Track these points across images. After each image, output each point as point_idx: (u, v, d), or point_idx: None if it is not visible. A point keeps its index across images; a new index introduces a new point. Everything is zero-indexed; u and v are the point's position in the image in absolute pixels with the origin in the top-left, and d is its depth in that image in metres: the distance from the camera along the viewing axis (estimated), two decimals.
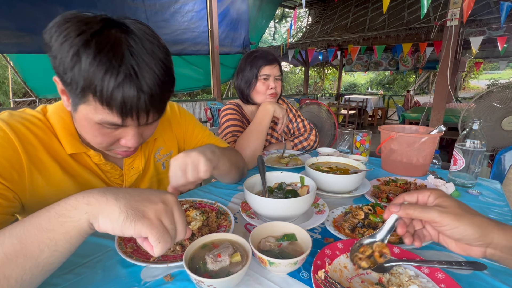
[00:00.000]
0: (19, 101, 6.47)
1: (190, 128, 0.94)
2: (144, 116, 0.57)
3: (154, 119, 0.61)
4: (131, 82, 0.51)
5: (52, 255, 0.38)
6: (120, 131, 0.60)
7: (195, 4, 4.37)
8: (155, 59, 0.54)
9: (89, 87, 0.50)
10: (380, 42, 5.52)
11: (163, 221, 0.41)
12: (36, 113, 0.65)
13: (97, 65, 0.48)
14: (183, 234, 0.44)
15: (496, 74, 18.32)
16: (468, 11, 2.80)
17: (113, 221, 0.38)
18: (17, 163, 0.58)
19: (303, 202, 0.65)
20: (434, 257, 0.58)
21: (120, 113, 0.53)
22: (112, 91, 0.50)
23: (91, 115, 0.54)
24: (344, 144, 1.32)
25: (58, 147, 0.65)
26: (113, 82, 0.49)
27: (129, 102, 0.52)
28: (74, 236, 0.39)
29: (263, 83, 1.30)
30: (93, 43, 0.48)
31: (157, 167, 0.85)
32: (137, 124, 0.58)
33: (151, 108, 0.56)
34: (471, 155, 0.94)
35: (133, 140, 0.61)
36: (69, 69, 0.49)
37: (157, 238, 0.39)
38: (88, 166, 0.70)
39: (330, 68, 13.66)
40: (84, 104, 0.54)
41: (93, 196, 0.40)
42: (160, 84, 0.55)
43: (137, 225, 0.38)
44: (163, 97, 0.58)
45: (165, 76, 0.56)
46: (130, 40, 0.52)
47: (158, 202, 0.42)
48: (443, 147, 4.85)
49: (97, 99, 0.51)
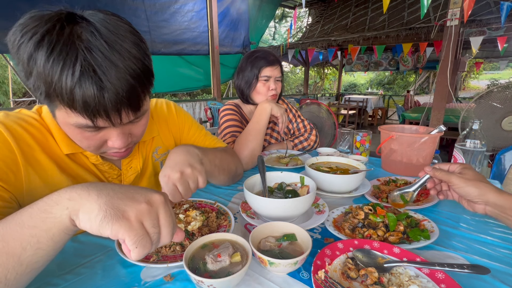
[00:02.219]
0: (19, 101, 6.48)
1: (186, 127, 0.93)
2: (116, 115, 0.51)
3: (132, 118, 0.56)
4: (90, 79, 0.46)
5: (35, 253, 0.37)
6: (103, 133, 0.56)
7: (195, 4, 4.37)
8: (120, 52, 0.48)
9: (50, 91, 0.47)
10: (380, 42, 5.52)
11: (144, 223, 0.38)
12: (32, 113, 0.65)
13: (51, 65, 0.44)
14: (168, 239, 0.41)
15: (496, 74, 18.32)
16: (468, 11, 2.80)
17: (91, 219, 0.36)
18: (13, 163, 0.57)
19: (303, 202, 0.65)
20: (434, 257, 0.58)
21: (86, 114, 0.49)
22: (71, 92, 0.46)
23: (67, 119, 0.51)
24: (344, 144, 1.32)
25: (54, 147, 0.64)
26: (70, 81, 0.45)
27: (91, 102, 0.47)
28: (57, 233, 0.37)
29: (264, 84, 1.29)
30: (45, 42, 0.44)
31: (155, 166, 0.85)
32: (112, 124, 0.53)
33: (120, 107, 0.51)
34: (471, 155, 0.94)
35: (119, 141, 0.57)
36: (29, 75, 0.47)
37: (134, 242, 0.36)
38: (85, 166, 0.70)
39: (330, 68, 13.66)
40: (57, 110, 0.51)
41: (76, 191, 0.37)
42: (127, 79, 0.49)
43: (114, 226, 0.36)
44: (134, 93, 0.52)
45: (134, 69, 0.50)
46: (87, 34, 0.46)
47: (142, 201, 0.39)
48: (443, 147, 4.85)
49: (63, 103, 0.48)
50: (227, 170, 0.90)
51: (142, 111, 0.58)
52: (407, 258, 0.53)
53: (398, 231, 0.63)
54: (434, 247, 0.61)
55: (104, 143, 0.59)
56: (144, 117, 0.62)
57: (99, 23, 0.48)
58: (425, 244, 0.59)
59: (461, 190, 0.62)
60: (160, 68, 4.61)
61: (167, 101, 0.92)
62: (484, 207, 0.61)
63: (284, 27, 13.13)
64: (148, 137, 0.80)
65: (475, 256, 0.58)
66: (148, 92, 0.57)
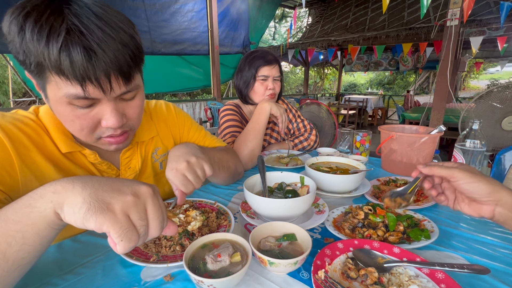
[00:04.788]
0: (19, 101, 6.47)
1: (186, 127, 0.93)
2: (106, 81, 0.50)
3: (124, 90, 0.55)
4: (75, 40, 0.46)
5: (21, 249, 0.36)
6: (96, 110, 0.55)
7: (195, 4, 4.37)
8: (106, 20, 0.49)
9: (39, 58, 0.47)
10: (380, 42, 5.52)
11: (130, 216, 0.37)
12: (28, 113, 0.64)
13: (38, 31, 0.45)
14: (157, 232, 0.40)
15: (496, 74, 18.32)
16: (468, 11, 2.80)
17: (75, 212, 0.35)
18: (8, 164, 0.56)
19: (303, 202, 0.65)
20: (434, 257, 0.58)
21: (75, 79, 0.48)
22: (58, 54, 0.46)
23: (57, 94, 0.51)
24: (344, 144, 1.32)
25: (51, 147, 0.64)
26: (55, 44, 0.45)
27: (78, 63, 0.47)
28: (42, 228, 0.36)
29: (261, 83, 1.29)
30: (34, 13, 0.46)
31: (154, 167, 0.85)
32: (102, 92, 0.52)
33: (110, 71, 0.50)
34: (471, 155, 0.94)
35: (113, 118, 0.55)
36: (19, 47, 0.47)
37: (119, 235, 0.35)
38: (83, 165, 0.69)
39: (330, 68, 13.66)
40: (48, 85, 0.51)
41: (60, 184, 0.37)
42: (115, 44, 0.49)
43: (98, 218, 0.35)
44: (124, 59, 0.51)
45: (123, 39, 0.50)
46: (74, 5, 0.48)
47: (128, 193, 0.38)
48: (443, 147, 4.85)
49: (51, 70, 0.48)
50: (227, 168, 0.90)
51: (133, 85, 0.57)
52: (407, 258, 0.53)
53: (398, 231, 0.63)
54: (434, 247, 0.61)
55: (97, 125, 0.57)
56: (138, 98, 0.61)
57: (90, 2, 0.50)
58: (425, 244, 0.59)
59: (468, 186, 0.51)
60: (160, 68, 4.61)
61: (166, 102, 0.93)
62: (494, 208, 0.50)
63: (284, 27, 13.13)
64: (147, 137, 0.81)
65: (475, 256, 0.58)
66: (139, 66, 0.57)
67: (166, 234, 0.43)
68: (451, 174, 0.53)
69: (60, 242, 0.63)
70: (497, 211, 0.50)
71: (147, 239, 0.40)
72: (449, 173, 0.53)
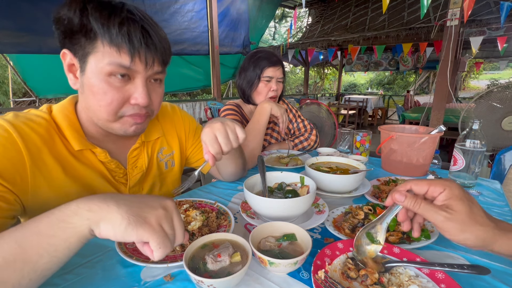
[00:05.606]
0: (19, 101, 6.47)
1: (192, 129, 0.95)
2: (151, 58, 0.60)
3: (159, 70, 0.64)
4: (134, 20, 0.57)
5: (50, 261, 0.38)
6: (130, 86, 0.61)
7: (195, 4, 4.37)
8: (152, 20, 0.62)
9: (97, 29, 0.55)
10: (380, 42, 5.52)
11: (163, 226, 0.42)
12: (41, 112, 0.65)
13: (101, 10, 0.55)
14: (182, 239, 0.45)
15: (496, 74, 18.32)
16: (468, 11, 2.80)
17: (115, 227, 0.39)
18: (20, 165, 0.57)
19: (303, 202, 0.65)
20: (434, 257, 0.58)
21: (128, 50, 0.56)
22: (118, 28, 0.55)
23: (100, 64, 0.57)
24: (344, 144, 1.32)
25: (61, 147, 0.65)
26: (118, 19, 0.55)
27: (134, 38, 0.56)
28: (74, 242, 0.39)
29: (265, 84, 1.30)
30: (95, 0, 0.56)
31: (160, 166, 0.86)
32: (145, 66, 0.60)
33: (156, 51, 0.60)
34: (471, 155, 0.94)
35: (143, 94, 0.62)
36: (77, 21, 0.55)
37: (158, 243, 0.40)
38: (93, 165, 0.70)
39: (330, 68, 13.66)
40: (92, 55, 0.57)
41: (94, 202, 0.40)
42: (161, 34, 0.62)
43: (139, 231, 0.39)
44: (165, 48, 0.63)
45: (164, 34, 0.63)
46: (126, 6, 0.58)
47: (158, 208, 0.43)
48: (443, 147, 4.85)
49: (106, 40, 0.55)
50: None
51: (164, 72, 0.67)
52: (407, 258, 0.53)
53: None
54: (434, 247, 0.61)
55: (126, 101, 0.62)
56: (161, 85, 0.70)
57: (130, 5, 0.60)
58: (425, 244, 0.59)
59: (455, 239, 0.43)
60: None
61: (171, 104, 0.96)
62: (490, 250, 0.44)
63: (284, 27, 13.13)
64: (153, 137, 0.82)
65: (475, 256, 0.58)
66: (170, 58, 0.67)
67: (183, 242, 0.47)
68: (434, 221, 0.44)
69: None
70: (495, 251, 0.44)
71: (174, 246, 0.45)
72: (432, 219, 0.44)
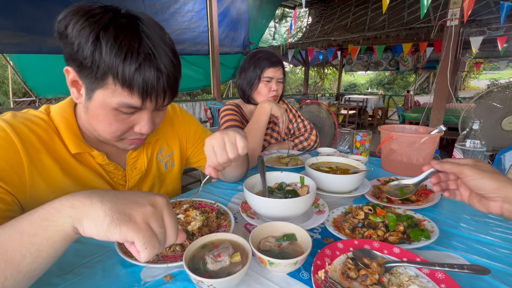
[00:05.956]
0: (19, 101, 6.47)
1: (192, 129, 0.94)
2: (162, 97, 0.59)
3: (168, 102, 0.63)
4: (151, 63, 0.54)
5: (34, 261, 0.36)
6: (135, 116, 0.61)
7: (195, 4, 4.36)
8: (165, 43, 0.57)
9: (110, 70, 0.52)
10: (380, 42, 5.52)
11: (151, 224, 0.39)
12: (40, 113, 0.65)
13: (118, 48, 0.51)
14: (174, 239, 0.42)
15: (496, 74, 18.31)
16: (468, 11, 2.80)
17: (97, 225, 0.36)
18: (18, 165, 0.57)
19: (303, 202, 0.65)
20: (434, 257, 0.58)
21: (140, 94, 0.55)
22: (133, 73, 0.53)
23: (108, 100, 0.56)
24: (344, 144, 1.32)
25: (60, 148, 0.64)
26: (134, 64, 0.52)
27: (149, 83, 0.55)
28: (58, 241, 0.37)
29: (266, 85, 1.30)
30: (112, 27, 0.51)
31: (159, 167, 0.85)
32: (155, 106, 0.60)
33: (167, 89, 0.59)
34: (471, 155, 0.94)
35: (147, 125, 0.62)
36: (89, 54, 0.51)
37: (144, 243, 0.37)
38: (91, 166, 0.70)
39: (330, 68, 13.66)
40: (101, 89, 0.55)
41: (78, 199, 0.38)
42: (173, 65, 0.58)
43: (122, 229, 0.36)
44: (177, 79, 0.61)
45: (175, 58, 0.59)
46: (143, 26, 0.54)
47: (146, 204, 0.40)
48: (443, 147, 4.85)
49: (118, 82, 0.53)
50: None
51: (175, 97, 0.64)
52: (407, 258, 0.53)
53: (398, 231, 0.63)
54: (434, 247, 0.61)
55: (130, 128, 0.63)
56: (166, 107, 0.67)
57: (146, 18, 0.56)
58: (425, 244, 0.59)
59: (476, 182, 0.52)
60: None
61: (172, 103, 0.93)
62: (502, 205, 0.51)
63: (284, 27, 13.12)
64: (153, 139, 0.81)
65: (475, 256, 0.58)
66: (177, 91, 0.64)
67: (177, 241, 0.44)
68: (460, 171, 0.54)
69: None
70: (505, 207, 0.51)
71: (165, 247, 0.41)
72: (458, 169, 0.54)
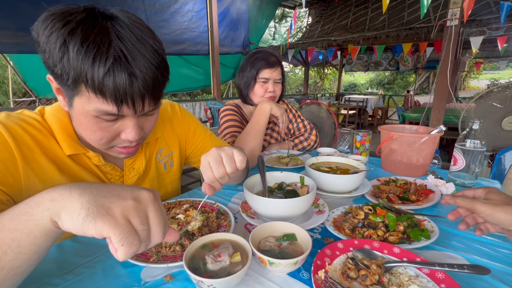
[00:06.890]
0: (19, 101, 6.47)
1: (192, 128, 0.93)
2: (140, 103, 0.54)
3: (151, 108, 0.58)
4: (121, 66, 0.49)
5: (16, 258, 0.35)
6: (119, 124, 0.58)
7: (195, 4, 4.37)
8: (144, 44, 0.52)
9: (79, 77, 0.49)
10: (380, 42, 5.52)
11: (131, 220, 0.36)
12: (34, 114, 0.64)
13: (85, 52, 0.47)
14: (160, 238, 0.38)
15: (496, 74, 18.31)
16: (468, 11, 2.80)
17: (73, 218, 0.34)
18: (12, 165, 0.56)
19: (303, 202, 0.65)
20: (434, 257, 0.58)
21: (114, 100, 0.51)
22: (103, 78, 0.48)
23: (86, 107, 0.53)
24: (344, 144, 1.32)
25: (56, 148, 0.64)
26: (102, 68, 0.48)
27: (121, 88, 0.50)
28: (38, 236, 0.35)
29: (262, 85, 1.29)
30: (79, 31, 0.47)
31: (158, 168, 0.85)
32: (134, 112, 0.55)
33: (145, 94, 0.54)
34: (471, 155, 0.94)
35: (133, 132, 0.59)
36: (58, 61, 0.48)
37: (120, 240, 0.34)
38: (87, 167, 0.69)
39: (330, 68, 13.66)
40: (77, 97, 0.52)
41: (57, 191, 0.35)
42: (152, 69, 0.53)
43: (97, 223, 0.33)
44: (157, 82, 0.55)
45: (157, 61, 0.54)
46: (117, 26, 0.50)
47: (128, 198, 0.36)
48: (443, 147, 4.85)
49: (89, 88, 0.50)
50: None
51: (159, 103, 0.60)
52: (407, 258, 0.53)
53: (398, 231, 0.63)
54: (434, 247, 0.61)
55: (117, 136, 0.60)
56: (156, 112, 0.64)
57: (124, 18, 0.52)
58: (425, 244, 0.59)
59: (489, 218, 0.52)
60: None
61: (171, 102, 0.92)
62: None
63: (284, 27, 13.12)
64: (152, 138, 0.81)
65: (475, 256, 0.58)
66: (165, 85, 0.60)
67: (167, 240, 0.42)
68: (472, 207, 0.54)
69: (60, 242, 0.63)
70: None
71: (150, 246, 0.38)
72: (471, 206, 0.54)
